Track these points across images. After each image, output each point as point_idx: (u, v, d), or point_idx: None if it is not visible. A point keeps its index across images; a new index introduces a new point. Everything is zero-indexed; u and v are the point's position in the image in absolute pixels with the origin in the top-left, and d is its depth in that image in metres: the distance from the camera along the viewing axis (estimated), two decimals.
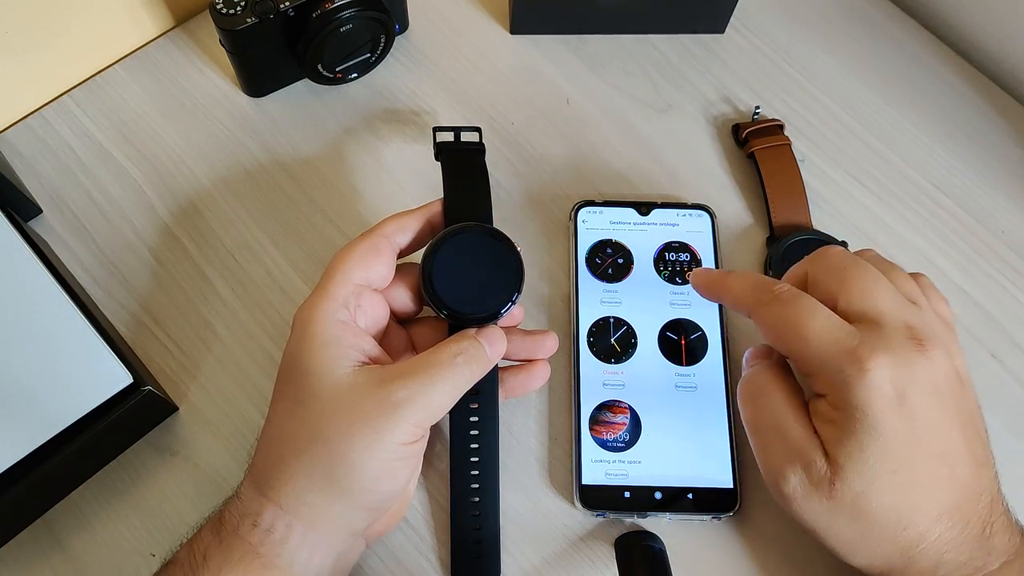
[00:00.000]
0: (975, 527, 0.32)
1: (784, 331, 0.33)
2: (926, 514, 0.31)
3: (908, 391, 0.31)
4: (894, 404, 0.31)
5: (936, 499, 0.31)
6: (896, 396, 0.31)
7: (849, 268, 0.34)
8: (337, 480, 0.32)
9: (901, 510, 0.31)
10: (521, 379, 0.39)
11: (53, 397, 0.36)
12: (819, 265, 0.35)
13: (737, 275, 0.37)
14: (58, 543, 0.39)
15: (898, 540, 0.32)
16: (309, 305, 0.34)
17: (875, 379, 0.30)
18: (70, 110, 0.49)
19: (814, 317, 0.33)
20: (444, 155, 0.40)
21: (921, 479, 0.31)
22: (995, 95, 0.52)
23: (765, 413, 0.34)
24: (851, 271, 0.34)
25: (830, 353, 0.32)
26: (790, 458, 0.32)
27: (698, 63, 0.52)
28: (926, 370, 0.31)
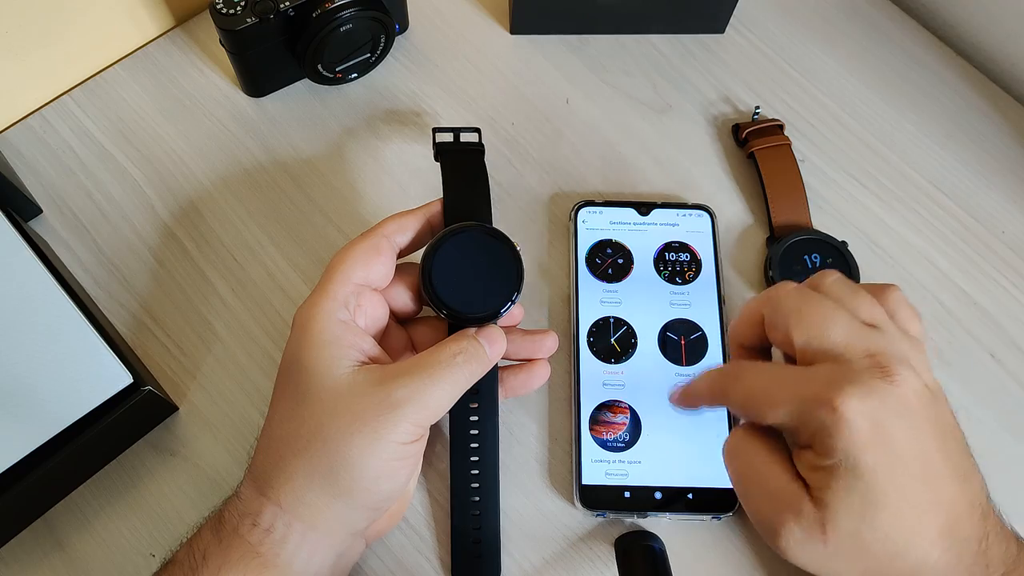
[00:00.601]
0: (971, 543, 0.32)
1: (753, 405, 0.33)
2: (922, 539, 0.31)
3: (881, 421, 0.30)
4: (870, 438, 0.30)
5: (928, 523, 0.31)
6: (871, 429, 0.30)
7: (800, 307, 0.33)
8: (337, 479, 0.32)
9: (897, 541, 0.31)
10: (521, 379, 0.39)
11: (53, 397, 0.36)
12: (771, 308, 0.34)
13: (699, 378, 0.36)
14: (58, 543, 0.39)
15: (898, 571, 0.31)
16: (309, 305, 0.34)
17: (847, 417, 0.30)
18: (70, 110, 0.49)
19: (769, 375, 0.33)
20: (444, 156, 0.40)
21: (910, 506, 0.31)
22: (995, 95, 0.52)
23: (748, 470, 0.34)
24: (803, 310, 0.33)
25: (799, 406, 0.31)
26: (778, 510, 0.32)
27: (698, 63, 0.52)
28: (894, 395, 0.31)
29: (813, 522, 0.31)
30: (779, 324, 0.34)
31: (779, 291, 0.35)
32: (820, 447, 0.31)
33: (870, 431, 0.30)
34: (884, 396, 0.31)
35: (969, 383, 0.44)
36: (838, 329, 0.32)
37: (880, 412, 0.30)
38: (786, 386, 0.32)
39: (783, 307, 0.34)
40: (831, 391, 0.30)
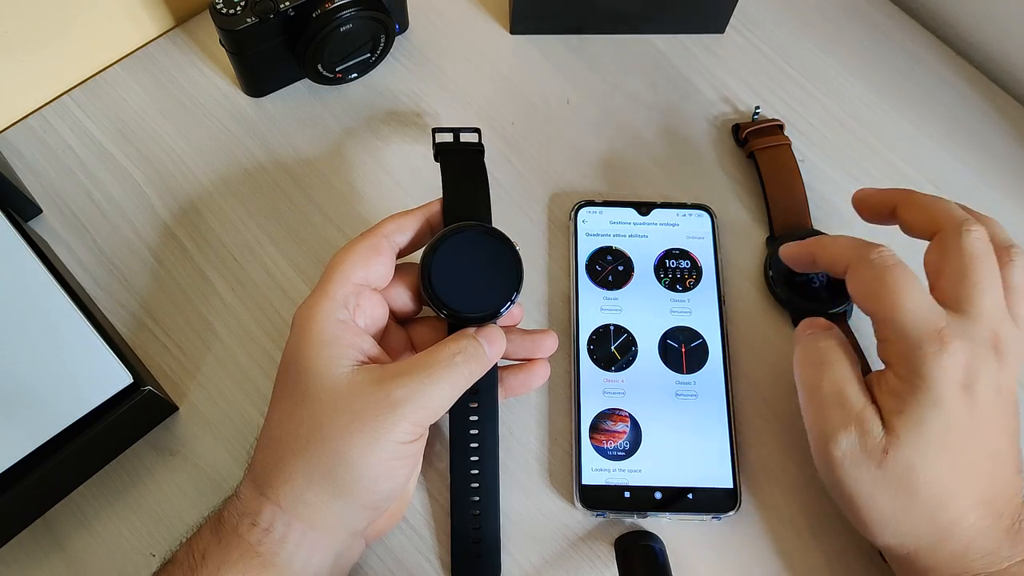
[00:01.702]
0: (1006, 520, 0.33)
1: (879, 292, 0.34)
2: (965, 498, 0.32)
3: (977, 382, 0.32)
4: (961, 388, 0.32)
5: (978, 487, 0.33)
6: (965, 382, 0.32)
7: (977, 259, 0.34)
8: (336, 479, 0.32)
9: (945, 489, 0.32)
10: (521, 378, 0.39)
11: (53, 397, 0.36)
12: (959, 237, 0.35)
13: (831, 236, 0.38)
14: (58, 543, 0.39)
15: (935, 519, 0.33)
16: (309, 304, 0.34)
17: (951, 360, 0.32)
18: (70, 110, 0.49)
19: (912, 289, 0.34)
20: (443, 156, 0.40)
21: (968, 465, 0.32)
22: (995, 95, 0.52)
23: (827, 379, 0.35)
24: (977, 263, 0.34)
25: (916, 325, 0.33)
26: (846, 423, 0.33)
27: (698, 63, 0.52)
28: (996, 371, 0.33)
29: (878, 442, 0.32)
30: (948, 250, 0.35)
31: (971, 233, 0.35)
32: (904, 369, 0.33)
33: (964, 383, 0.32)
34: (988, 365, 0.33)
35: None
36: (986, 298, 0.34)
37: (979, 376, 0.32)
38: (921, 305, 0.33)
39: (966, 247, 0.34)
40: (948, 333, 0.32)
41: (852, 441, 0.33)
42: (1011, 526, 0.33)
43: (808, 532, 0.40)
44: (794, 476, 0.41)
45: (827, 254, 0.38)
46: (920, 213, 0.37)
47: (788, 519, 0.40)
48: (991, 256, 0.35)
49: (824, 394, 0.35)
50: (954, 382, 0.32)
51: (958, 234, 0.35)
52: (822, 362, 0.36)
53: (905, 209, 0.37)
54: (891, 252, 0.35)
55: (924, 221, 0.36)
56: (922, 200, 0.37)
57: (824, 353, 0.36)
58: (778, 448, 0.41)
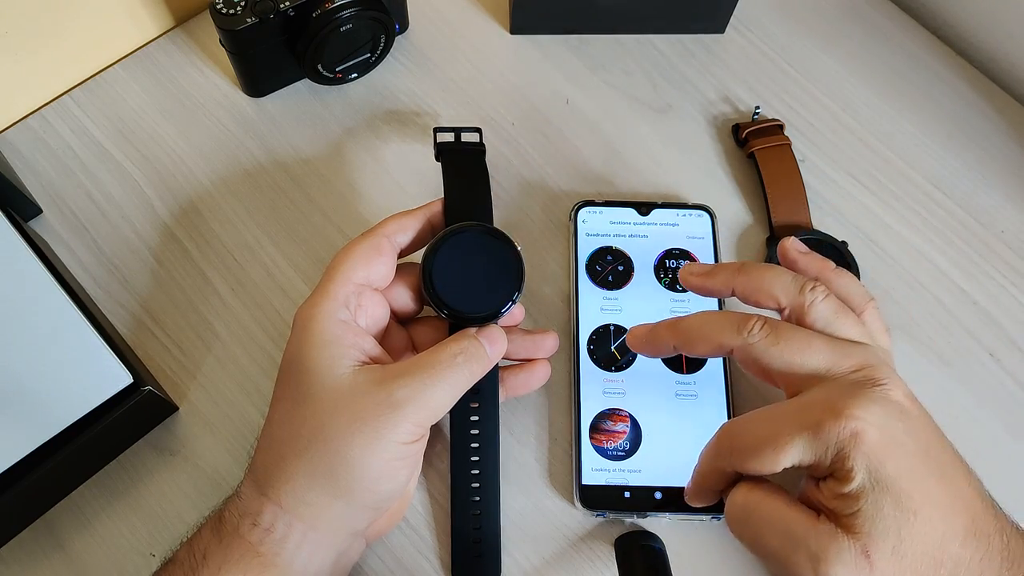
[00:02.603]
0: (995, 539, 0.31)
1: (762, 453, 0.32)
2: (953, 542, 0.30)
3: (888, 427, 0.30)
4: (885, 446, 0.30)
5: (957, 524, 0.31)
6: (882, 437, 0.30)
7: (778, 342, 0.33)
8: (337, 479, 0.32)
9: (933, 548, 0.30)
10: (522, 378, 0.39)
11: (53, 397, 0.36)
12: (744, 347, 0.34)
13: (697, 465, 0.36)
14: (58, 543, 0.39)
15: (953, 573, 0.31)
16: (310, 305, 0.34)
17: (858, 430, 0.30)
18: (70, 110, 0.49)
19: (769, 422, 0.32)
20: (445, 155, 0.40)
21: (936, 508, 0.30)
22: (995, 95, 0.52)
23: (767, 527, 0.32)
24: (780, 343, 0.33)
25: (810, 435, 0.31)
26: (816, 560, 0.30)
27: (698, 63, 0.52)
28: (891, 401, 0.31)
29: (856, 553, 0.30)
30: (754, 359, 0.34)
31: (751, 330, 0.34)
32: (840, 471, 0.30)
33: (882, 438, 0.30)
34: (883, 402, 0.31)
35: (968, 383, 0.44)
36: (820, 353, 0.33)
37: (884, 418, 0.30)
38: (789, 420, 0.32)
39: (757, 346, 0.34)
40: (834, 408, 0.31)
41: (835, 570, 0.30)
42: (1003, 544, 0.31)
43: None
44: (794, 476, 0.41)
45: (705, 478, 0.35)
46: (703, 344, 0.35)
47: None
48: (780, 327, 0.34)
49: (776, 545, 0.32)
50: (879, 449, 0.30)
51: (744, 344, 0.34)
52: (753, 512, 0.33)
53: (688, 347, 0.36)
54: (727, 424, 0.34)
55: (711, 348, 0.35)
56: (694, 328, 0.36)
57: (745, 505, 0.33)
58: None
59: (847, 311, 0.35)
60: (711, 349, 0.35)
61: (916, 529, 0.30)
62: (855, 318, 0.35)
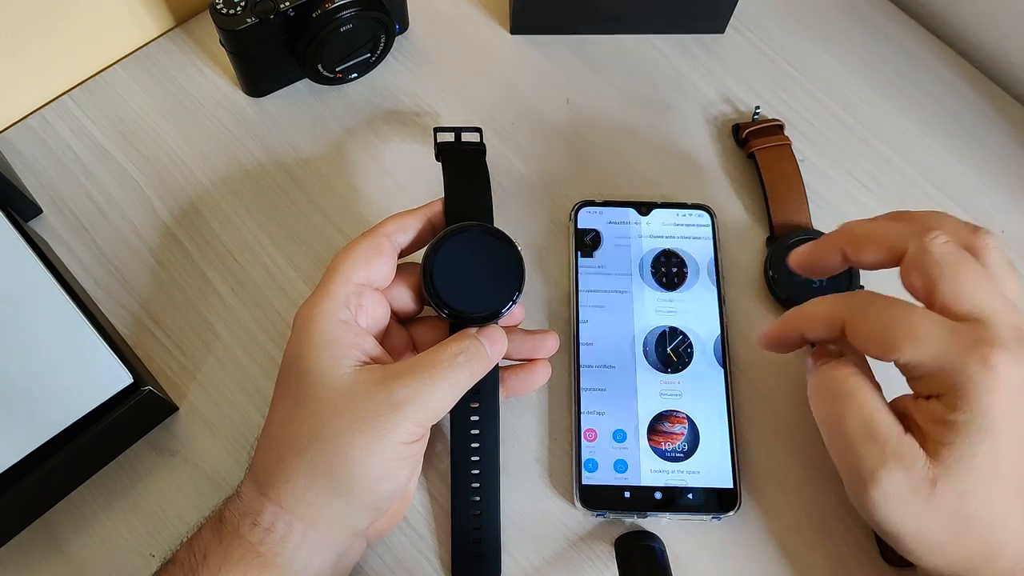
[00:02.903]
0: None
1: (889, 335, 0.31)
2: (1017, 518, 0.31)
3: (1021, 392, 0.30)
4: (1011, 405, 0.30)
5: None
6: (1015, 396, 0.30)
7: (960, 261, 0.32)
8: (337, 479, 0.32)
9: (998, 513, 0.30)
10: (522, 379, 0.39)
11: (53, 397, 0.36)
12: (926, 249, 0.32)
13: (808, 303, 0.35)
14: (57, 544, 0.39)
15: (986, 543, 0.31)
16: (310, 305, 0.34)
17: (999, 377, 0.29)
18: (70, 110, 0.49)
19: (921, 316, 0.31)
20: (445, 155, 0.40)
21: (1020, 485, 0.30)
22: (995, 95, 0.52)
23: (853, 412, 0.32)
24: (960, 267, 0.32)
25: (948, 354, 0.30)
26: (885, 460, 0.31)
27: (698, 63, 0.52)
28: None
29: (924, 476, 0.30)
30: (927, 270, 0.32)
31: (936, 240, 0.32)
32: (956, 400, 0.30)
33: (1014, 397, 0.30)
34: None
35: None
36: (992, 297, 0.31)
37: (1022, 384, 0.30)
38: (936, 327, 0.31)
39: (937, 257, 0.32)
40: (987, 348, 0.30)
41: (895, 479, 0.30)
42: None
43: (808, 532, 0.40)
44: (794, 476, 0.41)
45: (814, 321, 0.34)
46: (873, 245, 0.34)
47: (788, 519, 0.40)
48: (966, 256, 0.32)
49: (851, 429, 0.32)
50: (1006, 400, 0.29)
51: (925, 249, 0.32)
52: (842, 393, 0.33)
53: (855, 248, 0.35)
54: (867, 293, 0.33)
55: (881, 251, 0.34)
56: (866, 230, 0.35)
57: (842, 383, 0.33)
58: (778, 448, 0.41)
59: (1015, 271, 0.33)
60: (882, 253, 0.34)
61: (993, 491, 0.30)
62: (1019, 281, 0.33)
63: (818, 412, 0.34)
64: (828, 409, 0.33)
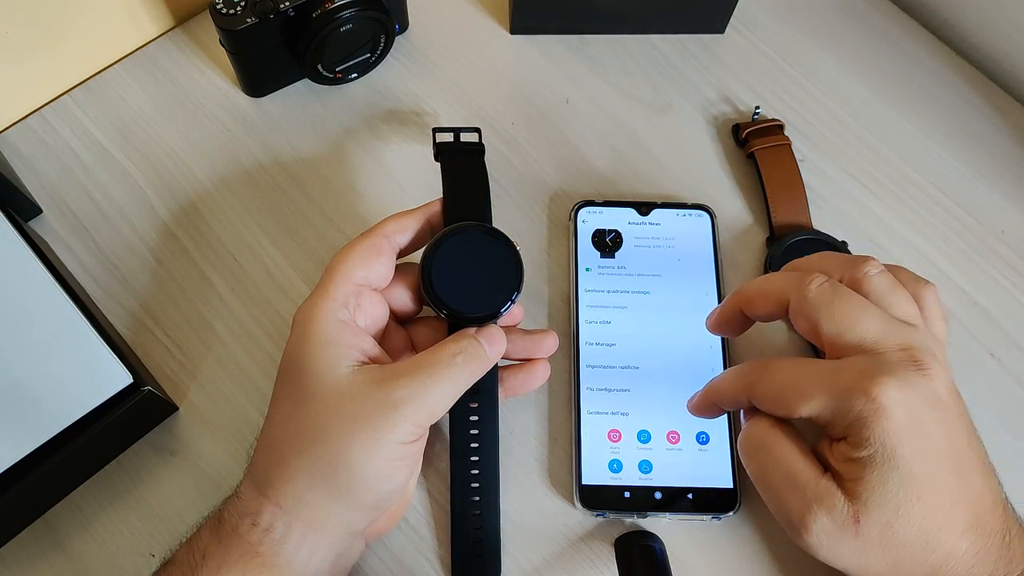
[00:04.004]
0: (996, 537, 0.32)
1: (784, 397, 0.33)
2: (951, 532, 0.31)
3: (917, 412, 0.31)
4: (908, 428, 0.31)
5: (959, 516, 0.31)
6: (908, 419, 0.31)
7: (833, 302, 0.33)
8: (336, 480, 0.32)
9: (929, 533, 0.31)
10: (521, 378, 0.38)
11: (53, 397, 0.36)
12: (799, 297, 0.34)
13: (716, 380, 0.37)
14: (58, 543, 0.39)
15: (927, 563, 0.31)
16: (309, 305, 0.34)
17: (885, 406, 0.30)
18: (70, 110, 0.49)
19: (801, 368, 0.33)
20: (444, 156, 0.40)
21: (942, 498, 0.31)
22: (995, 95, 0.52)
23: (774, 465, 0.34)
24: (836, 304, 0.33)
25: (835, 396, 0.31)
26: (808, 506, 0.32)
27: (698, 63, 0.52)
28: (929, 388, 0.31)
29: (846, 515, 0.31)
30: (808, 314, 0.34)
31: (811, 284, 0.34)
32: (855, 438, 0.31)
33: (907, 421, 0.31)
34: (920, 388, 0.31)
35: (969, 382, 0.43)
36: (870, 323, 0.33)
37: (916, 403, 0.31)
38: (820, 377, 0.32)
39: (813, 300, 0.34)
40: (868, 381, 0.31)
41: (821, 523, 0.31)
42: (1003, 542, 0.32)
43: None
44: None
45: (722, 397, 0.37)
46: (762, 300, 0.36)
47: None
48: (841, 289, 0.34)
49: (777, 483, 0.33)
50: (899, 426, 0.30)
51: (803, 295, 0.34)
52: (763, 447, 0.34)
53: (748, 307, 0.37)
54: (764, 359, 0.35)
55: (770, 304, 0.36)
56: (755, 288, 0.36)
57: (762, 438, 0.34)
58: None
59: (903, 290, 0.35)
60: (771, 306, 0.36)
61: (916, 513, 0.31)
62: (910, 298, 0.35)
63: (748, 468, 0.35)
64: (754, 465, 0.35)
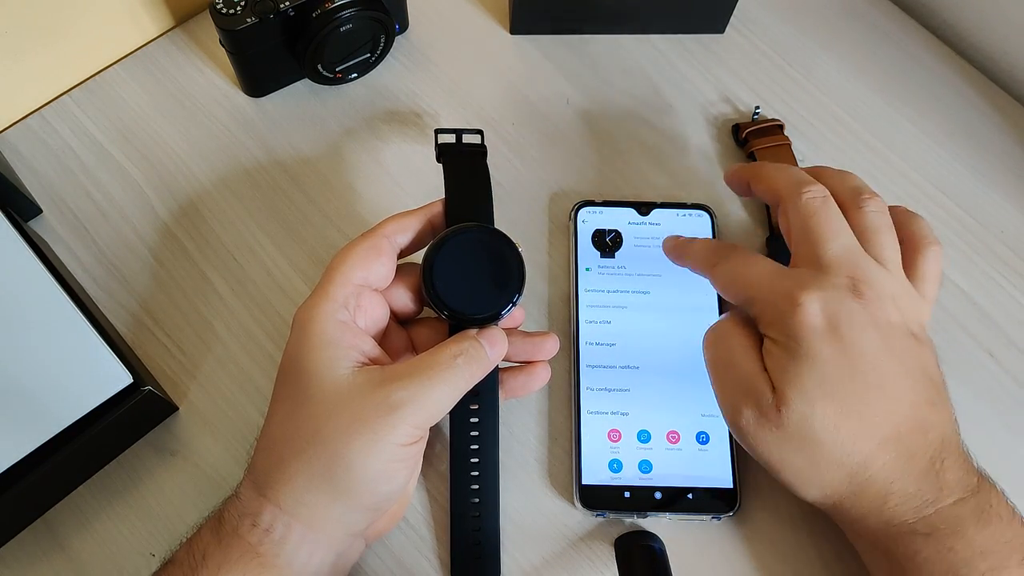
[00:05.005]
0: (921, 460, 0.33)
1: (733, 281, 0.37)
2: (867, 440, 0.33)
3: (839, 323, 0.33)
4: (825, 333, 0.33)
5: (875, 426, 0.33)
6: (827, 326, 0.33)
7: (815, 215, 0.36)
8: (336, 481, 0.32)
9: (843, 435, 0.33)
10: (521, 380, 0.38)
11: (53, 397, 0.36)
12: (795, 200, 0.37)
13: (699, 241, 0.40)
14: (58, 543, 0.39)
15: (844, 466, 0.33)
16: (309, 305, 0.34)
17: (806, 311, 0.33)
18: (70, 110, 0.49)
19: (755, 265, 0.36)
20: (446, 157, 0.40)
21: (858, 405, 0.33)
22: (995, 95, 0.52)
23: (722, 355, 0.36)
24: (815, 218, 0.36)
25: (769, 293, 0.35)
26: (743, 393, 0.34)
27: (698, 63, 0.52)
28: (859, 310, 0.33)
29: (769, 405, 0.33)
30: (788, 216, 0.37)
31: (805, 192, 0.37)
32: (776, 332, 0.34)
33: (826, 328, 0.33)
34: (847, 306, 0.34)
35: (967, 382, 0.44)
36: (837, 248, 0.35)
37: (840, 317, 0.33)
38: (764, 276, 0.36)
39: (799, 208, 0.37)
40: (798, 289, 0.34)
41: (751, 410, 0.34)
42: (929, 468, 0.33)
43: (808, 532, 0.40)
44: None
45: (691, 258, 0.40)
46: (765, 185, 0.40)
47: (788, 519, 0.40)
48: (829, 208, 0.36)
49: (722, 370, 0.36)
50: (815, 329, 0.33)
51: (795, 198, 0.37)
52: (719, 340, 0.37)
53: (755, 183, 0.40)
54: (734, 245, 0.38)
55: (769, 192, 0.39)
56: (765, 172, 0.40)
57: (721, 331, 0.37)
58: None
59: (893, 237, 0.37)
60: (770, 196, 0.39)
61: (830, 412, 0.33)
62: (896, 246, 0.36)
63: (704, 355, 0.38)
64: (708, 352, 0.37)
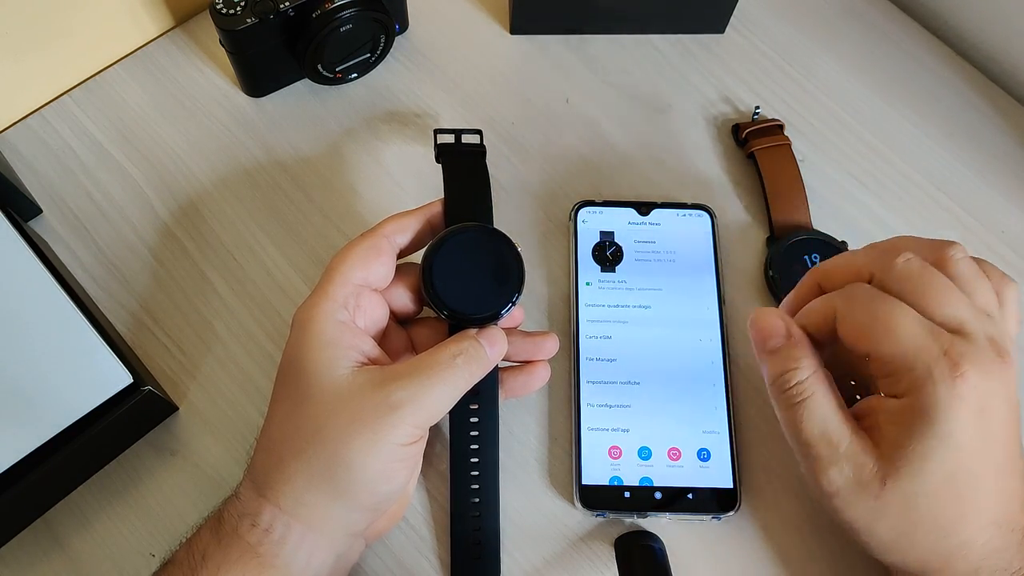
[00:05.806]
0: (1018, 534, 0.32)
1: (873, 327, 0.32)
2: (972, 523, 0.31)
3: (988, 403, 0.30)
4: (975, 415, 0.30)
5: (985, 509, 0.31)
6: (978, 407, 0.30)
7: (925, 275, 0.33)
8: (336, 481, 0.32)
9: (949, 517, 0.31)
10: (521, 380, 0.38)
11: (53, 397, 0.36)
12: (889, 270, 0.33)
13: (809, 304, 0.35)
14: (58, 543, 0.39)
15: (940, 546, 0.31)
16: (308, 305, 0.34)
17: (964, 387, 0.30)
18: (70, 110, 0.49)
19: (905, 315, 0.32)
20: (445, 157, 0.40)
21: (976, 489, 0.31)
22: (995, 95, 0.52)
23: (810, 417, 0.33)
24: (927, 278, 0.32)
25: (920, 354, 0.31)
26: (836, 460, 0.32)
27: (698, 63, 0.52)
28: (1003, 382, 0.31)
29: (874, 475, 0.31)
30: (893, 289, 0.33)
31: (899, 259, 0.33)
32: (914, 400, 0.31)
33: (977, 410, 0.30)
34: (996, 381, 0.31)
35: None
36: (961, 306, 0.32)
37: (990, 395, 0.31)
38: (919, 330, 0.31)
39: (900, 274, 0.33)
40: (957, 355, 0.30)
41: (844, 476, 0.32)
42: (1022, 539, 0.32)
43: (808, 532, 0.40)
44: (794, 476, 0.41)
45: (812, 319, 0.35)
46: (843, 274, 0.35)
47: (788, 519, 0.40)
48: (928, 266, 0.33)
49: (809, 434, 0.33)
50: (968, 411, 0.30)
51: (889, 270, 0.33)
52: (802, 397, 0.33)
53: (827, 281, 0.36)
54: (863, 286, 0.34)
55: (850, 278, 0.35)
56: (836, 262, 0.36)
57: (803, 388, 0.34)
58: (778, 448, 0.41)
59: (986, 279, 0.34)
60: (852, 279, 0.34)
61: (944, 496, 0.31)
62: (992, 289, 0.34)
63: (782, 415, 0.35)
64: (790, 413, 0.34)
